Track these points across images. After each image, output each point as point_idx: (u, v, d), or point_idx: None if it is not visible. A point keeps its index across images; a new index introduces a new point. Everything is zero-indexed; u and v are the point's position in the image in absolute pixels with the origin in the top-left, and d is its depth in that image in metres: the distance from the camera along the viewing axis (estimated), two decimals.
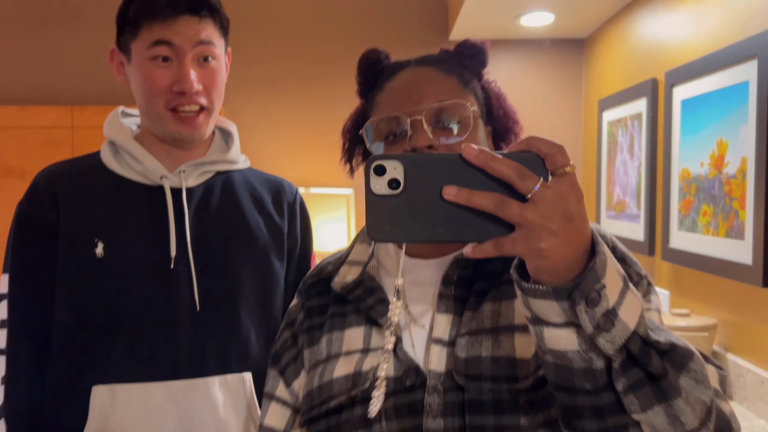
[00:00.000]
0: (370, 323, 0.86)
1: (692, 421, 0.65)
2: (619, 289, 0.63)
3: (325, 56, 3.30)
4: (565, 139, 3.34)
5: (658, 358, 0.64)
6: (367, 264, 0.91)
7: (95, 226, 1.17)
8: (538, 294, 0.62)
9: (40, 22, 3.35)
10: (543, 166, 0.62)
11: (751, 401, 1.74)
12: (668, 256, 2.19)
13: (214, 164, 1.26)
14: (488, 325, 0.79)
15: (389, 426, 0.78)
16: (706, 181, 1.96)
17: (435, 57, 0.94)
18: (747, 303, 1.81)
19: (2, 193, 3.28)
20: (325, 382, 0.84)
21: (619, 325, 0.62)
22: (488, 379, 0.76)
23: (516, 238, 0.60)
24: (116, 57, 1.24)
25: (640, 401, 0.64)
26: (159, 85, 1.15)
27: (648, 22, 2.50)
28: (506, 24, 2.98)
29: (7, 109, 3.27)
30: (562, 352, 0.64)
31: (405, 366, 0.80)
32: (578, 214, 0.61)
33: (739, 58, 1.77)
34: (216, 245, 1.21)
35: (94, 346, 1.15)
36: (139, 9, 1.15)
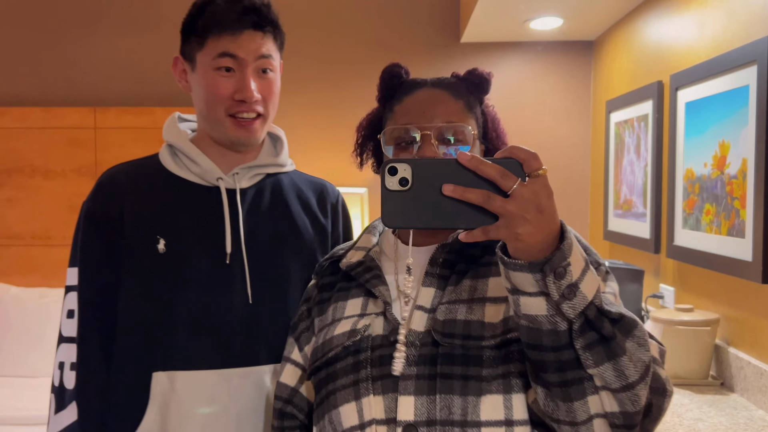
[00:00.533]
0: (368, 295, 1.04)
1: (634, 375, 0.82)
2: (581, 268, 0.79)
3: (339, 59, 3.38)
4: (573, 139, 3.41)
5: (609, 325, 0.81)
6: (371, 249, 1.10)
7: (156, 224, 1.25)
8: (517, 267, 0.78)
9: (64, 25, 3.45)
10: (521, 169, 0.77)
11: (751, 392, 1.81)
12: (673, 254, 2.26)
13: (265, 167, 1.34)
14: (465, 296, 0.98)
15: (373, 372, 0.96)
16: (709, 181, 2.03)
17: (448, 81, 1.09)
18: (747, 298, 1.89)
19: (27, 191, 3.39)
20: (327, 339, 1.03)
21: (580, 295, 0.78)
22: (460, 337, 0.94)
23: (499, 226, 0.76)
24: (179, 65, 1.33)
25: (594, 358, 0.81)
26: (222, 93, 1.24)
27: (654, 26, 2.57)
28: (516, 27, 3.06)
29: (32, 111, 3.37)
30: (534, 316, 0.80)
31: (391, 326, 0.98)
32: (548, 207, 0.76)
33: (740, 63, 1.84)
34: (267, 243, 1.29)
35: (155, 335, 1.23)
36: (207, 22, 1.23)
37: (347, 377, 0.98)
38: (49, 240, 3.41)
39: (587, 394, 0.83)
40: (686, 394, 1.88)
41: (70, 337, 1.28)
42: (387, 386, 0.94)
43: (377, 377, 0.95)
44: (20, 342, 3.07)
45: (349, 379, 0.97)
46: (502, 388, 0.92)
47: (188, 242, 1.26)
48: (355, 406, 0.95)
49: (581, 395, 0.83)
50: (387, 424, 0.93)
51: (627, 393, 0.82)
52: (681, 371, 1.96)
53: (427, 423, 0.91)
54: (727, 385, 1.94)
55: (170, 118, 1.39)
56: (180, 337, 1.23)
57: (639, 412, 0.84)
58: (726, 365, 1.95)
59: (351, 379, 0.97)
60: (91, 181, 3.38)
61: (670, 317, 1.97)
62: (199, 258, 1.25)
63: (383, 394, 0.94)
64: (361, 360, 0.97)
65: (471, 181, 0.77)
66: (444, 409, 0.91)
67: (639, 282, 2.36)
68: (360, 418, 0.94)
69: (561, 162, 3.41)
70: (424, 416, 0.91)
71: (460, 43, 3.37)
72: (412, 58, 3.35)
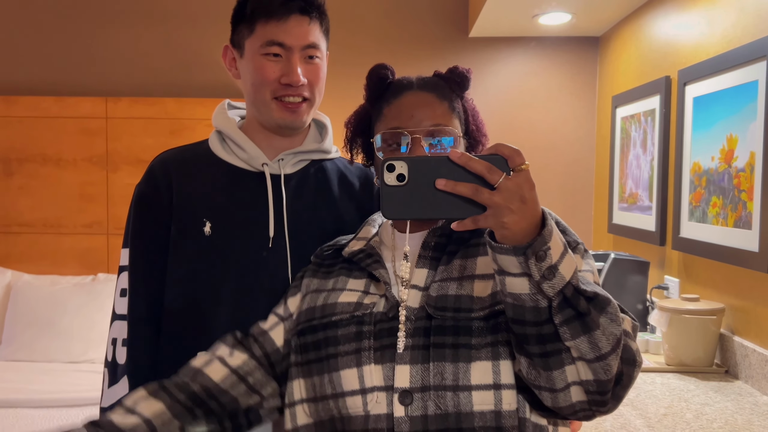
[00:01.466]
0: (370, 277, 1.13)
1: (606, 347, 0.91)
2: (560, 251, 0.87)
3: (348, 53, 3.42)
4: (579, 133, 3.46)
5: (585, 302, 0.89)
6: (371, 239, 1.18)
7: (203, 207, 1.29)
8: (503, 251, 0.86)
9: (77, 15, 3.49)
10: (506, 164, 0.85)
11: (755, 379, 1.86)
12: (679, 246, 2.31)
13: (310, 153, 1.38)
14: (455, 275, 1.07)
15: (374, 344, 1.05)
16: (716, 175, 2.08)
17: (433, 82, 1.18)
18: (753, 288, 1.94)
19: (40, 180, 3.43)
20: (329, 303, 1.11)
21: (559, 276, 0.87)
22: (451, 310, 1.03)
23: (487, 215, 0.85)
24: (229, 53, 1.35)
25: (570, 332, 0.89)
26: (269, 76, 1.27)
27: (661, 22, 2.62)
28: (524, 22, 3.10)
29: (45, 100, 3.40)
30: (518, 294, 0.89)
31: (390, 304, 1.07)
32: (531, 198, 0.85)
33: (749, 59, 1.89)
34: (309, 228, 1.33)
35: (200, 315, 1.27)
36: (255, 8, 1.26)
37: (350, 344, 1.06)
38: (61, 228, 3.45)
39: (565, 364, 0.92)
40: (692, 380, 1.93)
41: (122, 315, 1.32)
42: (385, 357, 1.04)
43: (377, 348, 1.05)
44: (32, 328, 3.12)
45: (351, 346, 1.06)
46: (491, 355, 1.01)
47: (233, 226, 1.29)
48: (357, 372, 1.04)
49: (560, 365, 0.92)
50: (386, 391, 1.02)
51: (600, 363, 0.91)
52: (687, 359, 2.01)
53: (422, 389, 1.01)
54: (731, 373, 1.99)
55: (220, 105, 1.42)
56: (223, 317, 1.26)
57: (611, 380, 0.94)
58: (731, 353, 2.00)
59: (354, 347, 1.06)
60: (102, 170, 3.42)
61: (676, 306, 2.02)
62: (243, 241, 1.29)
63: (382, 364, 1.03)
64: (364, 331, 1.06)
65: (461, 176, 0.85)
66: (437, 375, 1.01)
67: (644, 273, 2.41)
68: (361, 384, 1.04)
69: (567, 155, 3.46)
70: (418, 383, 1.01)
71: (469, 38, 3.41)
72: (421, 52, 3.40)
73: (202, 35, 3.43)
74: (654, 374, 1.99)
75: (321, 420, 1.08)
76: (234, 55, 1.35)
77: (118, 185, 3.43)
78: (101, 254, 3.45)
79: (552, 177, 3.44)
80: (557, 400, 0.96)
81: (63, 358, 3.06)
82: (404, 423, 1.00)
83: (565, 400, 0.96)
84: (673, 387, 1.88)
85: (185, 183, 1.32)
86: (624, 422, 1.61)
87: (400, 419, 1.00)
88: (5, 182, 3.42)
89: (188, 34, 3.46)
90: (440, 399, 1.00)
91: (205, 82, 3.46)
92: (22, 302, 3.18)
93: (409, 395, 1.01)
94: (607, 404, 0.97)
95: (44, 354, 3.07)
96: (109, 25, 3.48)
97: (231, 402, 1.13)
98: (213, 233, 1.28)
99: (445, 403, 1.00)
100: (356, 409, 1.04)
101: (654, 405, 1.73)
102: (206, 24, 3.44)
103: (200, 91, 3.46)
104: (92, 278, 3.34)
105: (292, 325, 1.16)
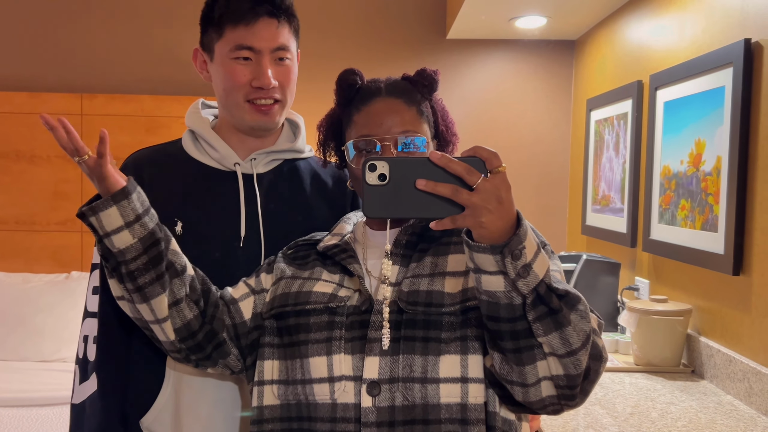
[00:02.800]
0: (343, 272, 1.16)
1: (576, 343, 0.95)
2: (534, 251, 0.91)
3: (325, 54, 3.42)
4: (554, 136, 3.50)
5: (557, 299, 0.93)
6: (345, 236, 1.20)
7: (175, 207, 1.29)
8: (480, 250, 0.89)
9: (53, 11, 3.45)
10: (484, 166, 0.88)
11: (720, 379, 1.90)
12: (649, 248, 2.35)
13: (283, 153, 1.38)
14: (427, 271, 1.10)
15: (345, 334, 1.08)
16: (685, 178, 2.12)
17: (401, 87, 1.19)
18: (719, 290, 1.98)
19: (12, 176, 3.39)
20: (304, 291, 1.13)
21: (533, 274, 0.90)
22: (422, 305, 1.06)
23: (465, 215, 0.88)
24: (199, 56, 1.36)
25: (543, 328, 0.93)
26: (240, 80, 1.28)
27: (635, 26, 2.66)
28: (501, 25, 3.13)
29: (18, 95, 3.36)
30: (493, 291, 0.92)
31: (363, 298, 1.11)
32: (507, 199, 0.88)
33: (717, 65, 1.93)
34: (283, 225, 1.34)
35: None
36: (223, 12, 1.27)
37: (321, 333, 1.09)
38: (34, 225, 3.41)
39: (537, 360, 0.96)
40: (659, 380, 1.97)
41: (94, 312, 1.32)
42: (356, 347, 1.07)
43: (348, 339, 1.08)
44: (4, 326, 3.08)
45: (322, 335, 1.09)
46: (460, 350, 1.05)
47: (204, 225, 1.30)
48: (326, 360, 1.07)
49: (532, 360, 0.96)
50: (354, 381, 1.06)
51: (570, 358, 0.95)
52: (654, 359, 2.04)
53: (390, 380, 1.04)
54: (697, 373, 2.03)
55: (194, 104, 1.42)
56: None
57: (580, 375, 0.98)
58: (697, 353, 2.04)
59: (324, 335, 1.09)
60: (75, 167, 3.39)
61: (645, 307, 2.05)
62: (214, 240, 1.30)
63: (352, 354, 1.07)
64: (336, 321, 1.09)
65: (441, 177, 0.88)
66: (406, 367, 1.04)
67: (615, 275, 2.45)
68: (330, 372, 1.07)
69: (541, 158, 3.50)
70: (387, 374, 1.04)
71: (446, 40, 3.43)
72: (399, 54, 3.41)
73: (179, 32, 3.42)
74: (623, 374, 2.02)
75: (288, 403, 1.11)
76: (204, 58, 1.35)
77: None
78: (75, 252, 3.42)
79: (527, 178, 3.48)
80: (528, 395, 0.99)
81: (35, 357, 3.03)
82: (371, 413, 1.03)
83: (535, 394, 0.99)
84: (641, 386, 1.91)
85: (157, 182, 1.32)
86: (592, 421, 1.64)
87: (367, 409, 1.03)
88: None
89: (165, 31, 3.44)
90: (408, 390, 1.03)
91: (181, 79, 3.44)
92: None
93: (377, 386, 1.04)
94: (575, 398, 1.01)
95: (16, 353, 3.03)
96: (84, 20, 3.45)
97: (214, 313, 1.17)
98: (184, 233, 1.28)
99: (412, 394, 1.03)
100: (323, 396, 1.07)
101: (621, 404, 1.76)
102: (183, 20, 3.42)
103: (177, 88, 3.44)
104: (65, 276, 3.30)
105: (264, 305, 1.18)
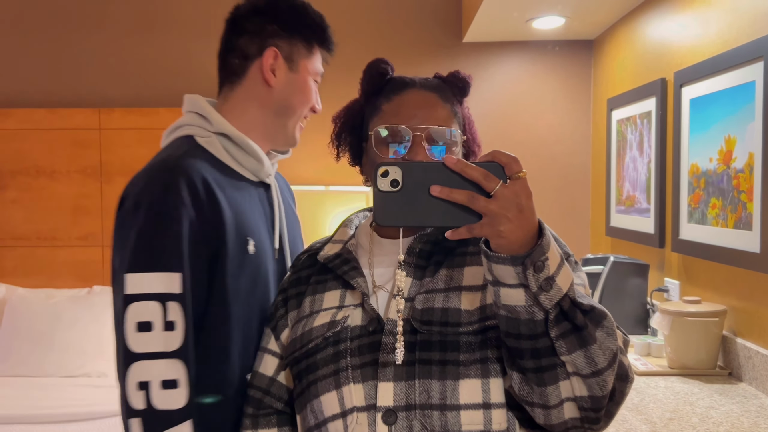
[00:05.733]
0: (345, 286, 1.07)
1: (603, 362, 0.88)
2: (558, 262, 0.84)
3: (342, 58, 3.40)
4: (574, 137, 3.45)
5: (581, 315, 0.86)
6: (347, 242, 1.12)
7: (244, 224, 1.20)
8: (500, 261, 0.83)
9: (69, 27, 3.47)
10: (503, 172, 0.83)
11: (759, 381, 1.85)
12: (678, 248, 2.30)
13: (275, 165, 1.37)
14: (442, 286, 1.01)
15: (353, 361, 0.99)
16: (715, 176, 2.07)
17: (435, 83, 1.13)
18: (755, 289, 1.93)
19: (32, 192, 3.41)
20: (306, 331, 1.06)
21: (556, 287, 0.84)
22: (438, 324, 0.98)
23: (483, 224, 0.82)
24: (278, 59, 1.28)
25: (567, 346, 0.87)
26: (311, 100, 1.34)
27: (656, 24, 2.61)
28: (518, 27, 3.09)
29: (37, 112, 3.38)
30: (513, 306, 0.86)
31: (369, 316, 1.02)
32: (528, 207, 0.82)
33: (746, 59, 1.88)
34: (292, 236, 1.37)
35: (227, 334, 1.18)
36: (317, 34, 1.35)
37: (327, 367, 1.01)
38: (55, 241, 3.42)
39: (560, 380, 0.89)
40: (696, 383, 1.92)
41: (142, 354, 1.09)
42: (367, 374, 0.98)
43: (357, 366, 0.99)
44: (28, 342, 3.08)
45: (329, 369, 1.01)
46: (480, 373, 0.96)
47: (263, 241, 1.25)
48: (336, 395, 0.99)
49: (554, 380, 0.89)
50: (367, 411, 0.97)
51: (596, 378, 0.89)
52: (689, 362, 2.00)
53: (406, 407, 0.95)
54: (735, 375, 1.98)
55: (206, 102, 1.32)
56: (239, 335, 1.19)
57: (605, 396, 0.91)
58: (734, 355, 1.99)
59: (331, 369, 1.00)
60: (95, 182, 3.40)
61: (678, 309, 2.01)
62: (266, 256, 1.25)
63: (363, 382, 0.98)
64: (341, 350, 1.01)
65: (457, 183, 0.83)
66: (423, 393, 0.96)
67: (644, 276, 2.40)
68: (341, 406, 0.98)
69: (562, 159, 3.45)
70: (402, 401, 0.96)
71: (463, 43, 3.40)
72: (415, 57, 3.39)
73: (195, 44, 3.42)
74: (657, 378, 1.97)
75: None
76: (281, 64, 1.28)
77: (113, 197, 3.38)
78: (96, 266, 3.42)
79: (548, 181, 3.43)
80: (550, 417, 0.93)
81: (59, 372, 3.02)
82: None
83: (558, 416, 0.92)
84: (677, 390, 1.86)
85: (229, 201, 1.19)
86: (629, 428, 1.59)
87: None
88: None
89: (181, 44, 3.44)
90: (426, 418, 0.95)
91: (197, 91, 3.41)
92: (17, 316, 3.14)
93: (393, 414, 0.95)
94: (599, 421, 0.94)
95: (40, 368, 3.03)
96: (101, 35, 3.46)
97: None
98: (256, 251, 1.20)
99: (431, 422, 0.95)
100: None
101: (658, 409, 1.72)
102: (199, 33, 3.42)
103: None
104: (87, 291, 3.30)
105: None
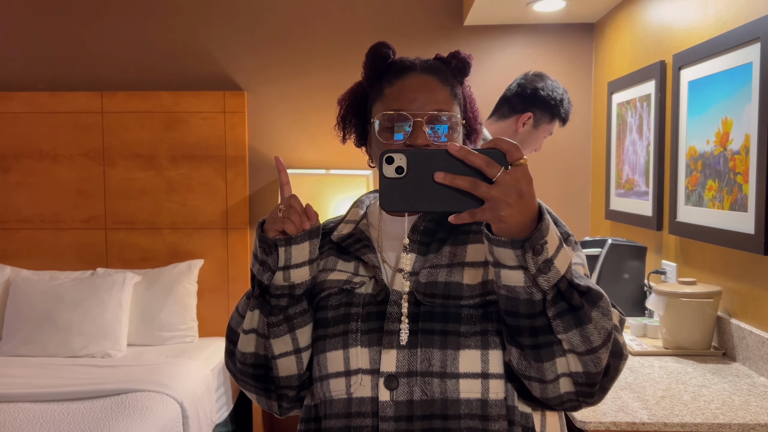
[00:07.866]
0: (358, 260, 1.13)
1: (597, 341, 0.93)
2: (556, 246, 0.89)
3: (344, 42, 3.41)
4: (575, 120, 3.44)
5: (578, 296, 0.91)
6: (359, 222, 1.17)
7: None
8: (500, 244, 0.88)
9: (71, 10, 3.47)
10: (504, 158, 0.86)
11: (753, 361, 1.87)
12: (675, 230, 2.32)
13: None
14: (445, 261, 1.06)
15: (362, 326, 1.05)
16: (712, 158, 2.08)
17: (436, 66, 1.15)
18: (749, 270, 1.94)
19: (36, 176, 3.43)
20: (319, 282, 1.11)
21: (554, 269, 0.88)
22: (440, 297, 1.03)
23: (485, 209, 0.86)
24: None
25: (563, 324, 0.91)
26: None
27: (656, 6, 2.61)
28: (519, 10, 3.09)
29: (40, 95, 3.40)
30: (512, 287, 0.90)
31: (379, 287, 1.08)
32: (528, 192, 0.85)
33: (743, 41, 1.89)
34: None
35: None
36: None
37: (337, 327, 1.06)
38: (59, 223, 3.45)
39: (556, 356, 0.94)
40: (689, 363, 1.94)
41: None
42: (373, 340, 1.04)
43: (365, 331, 1.05)
44: (32, 323, 3.12)
45: (339, 328, 1.06)
46: (480, 344, 1.01)
47: None
48: (342, 354, 1.05)
49: (550, 357, 0.94)
50: (371, 374, 1.03)
51: (591, 356, 0.93)
52: (684, 342, 2.02)
53: (408, 374, 1.01)
54: (729, 355, 2.00)
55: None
56: None
57: (600, 372, 0.95)
58: (728, 336, 2.01)
59: (341, 329, 1.06)
60: (98, 165, 3.42)
61: (673, 290, 2.03)
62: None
63: (369, 347, 1.04)
64: (352, 313, 1.06)
65: (460, 170, 0.86)
66: (424, 361, 1.01)
67: (641, 259, 2.42)
68: (346, 365, 1.04)
69: (562, 143, 3.46)
70: (404, 368, 1.01)
71: (464, 26, 3.40)
72: (416, 41, 3.39)
73: (197, 28, 3.42)
74: (652, 358, 2.00)
75: (308, 405, 1.10)
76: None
77: (115, 179, 3.43)
78: (100, 248, 3.45)
79: (549, 164, 3.44)
80: (546, 391, 0.97)
81: (63, 353, 3.07)
82: (389, 407, 1.01)
83: (553, 391, 0.97)
84: (671, 370, 1.88)
85: None
86: (622, 404, 1.62)
87: (385, 403, 1.01)
88: (2, 178, 3.42)
89: (183, 27, 3.45)
90: (427, 385, 1.00)
91: (200, 74, 3.45)
92: (21, 298, 3.18)
93: (395, 380, 1.01)
94: (594, 396, 0.99)
95: (44, 349, 3.07)
96: (103, 18, 3.47)
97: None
98: None
99: (431, 389, 1.00)
100: (339, 392, 1.04)
101: (652, 387, 1.74)
102: (201, 16, 3.42)
103: (195, 84, 3.45)
104: (91, 273, 3.34)
105: None
